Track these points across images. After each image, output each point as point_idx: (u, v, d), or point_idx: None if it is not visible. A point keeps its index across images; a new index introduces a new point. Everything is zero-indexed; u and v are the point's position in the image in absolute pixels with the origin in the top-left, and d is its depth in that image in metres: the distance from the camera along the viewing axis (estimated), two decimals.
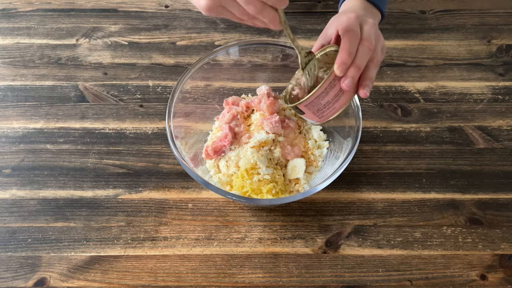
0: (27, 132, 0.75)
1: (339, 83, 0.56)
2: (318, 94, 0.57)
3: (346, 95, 0.58)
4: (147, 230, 0.67)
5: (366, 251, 0.65)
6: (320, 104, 0.58)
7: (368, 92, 0.57)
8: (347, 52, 0.54)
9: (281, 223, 0.68)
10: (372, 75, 0.57)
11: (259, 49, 0.72)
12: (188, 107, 0.70)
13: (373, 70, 0.57)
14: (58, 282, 0.63)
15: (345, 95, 0.57)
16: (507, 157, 0.73)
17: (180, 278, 0.63)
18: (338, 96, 0.57)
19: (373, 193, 0.70)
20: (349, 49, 0.54)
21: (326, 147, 0.70)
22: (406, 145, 0.74)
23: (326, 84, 0.56)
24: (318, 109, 0.59)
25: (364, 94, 0.57)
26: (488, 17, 0.89)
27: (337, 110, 0.59)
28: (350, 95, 0.58)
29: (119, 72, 0.82)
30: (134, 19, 0.89)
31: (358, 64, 0.55)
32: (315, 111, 0.59)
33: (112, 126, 0.76)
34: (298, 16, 0.89)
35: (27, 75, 0.81)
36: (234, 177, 0.66)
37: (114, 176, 0.71)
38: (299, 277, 0.63)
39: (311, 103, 0.58)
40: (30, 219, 0.67)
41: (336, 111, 0.59)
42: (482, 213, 0.68)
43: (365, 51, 0.55)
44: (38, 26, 0.87)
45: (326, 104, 0.58)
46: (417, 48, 0.85)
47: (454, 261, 0.64)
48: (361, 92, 0.57)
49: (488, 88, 0.80)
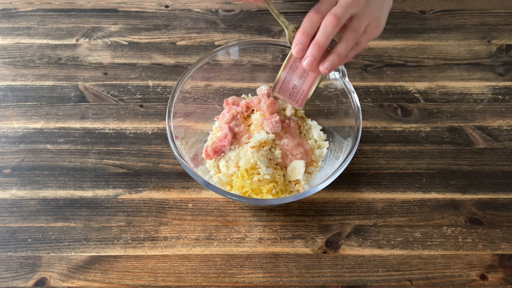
0: (27, 132, 0.75)
1: (301, 64, 0.54)
2: (282, 78, 0.56)
3: (311, 75, 0.56)
4: (147, 230, 0.67)
5: (366, 251, 0.65)
6: (289, 88, 0.57)
7: (329, 67, 0.54)
8: (302, 31, 0.53)
9: (281, 223, 0.68)
10: (340, 50, 0.54)
11: (259, 49, 0.72)
12: (188, 107, 0.70)
13: (342, 45, 0.54)
14: (58, 282, 0.63)
15: (310, 75, 0.56)
16: (507, 157, 0.73)
17: (180, 278, 0.63)
18: (303, 77, 0.56)
19: (373, 193, 0.70)
20: (304, 29, 0.53)
21: (326, 147, 0.70)
22: (406, 145, 0.74)
23: (287, 68, 0.55)
24: (290, 94, 0.58)
25: (324, 70, 0.54)
26: (488, 17, 0.89)
27: (306, 92, 0.57)
28: (316, 74, 0.56)
29: (119, 72, 0.82)
30: (134, 19, 0.89)
31: (317, 41, 0.52)
32: (288, 95, 0.58)
33: (112, 126, 0.76)
34: (298, 16, 0.89)
35: (27, 75, 0.81)
36: (234, 177, 0.66)
37: (114, 176, 0.71)
38: (299, 277, 0.63)
39: (281, 89, 0.57)
40: (30, 219, 0.67)
41: (306, 93, 0.57)
42: (482, 213, 0.68)
43: (326, 26, 0.52)
44: (38, 26, 0.87)
45: (294, 88, 0.57)
46: (417, 48, 0.85)
47: (454, 261, 0.64)
48: (321, 67, 0.54)
49: (488, 88, 0.80)
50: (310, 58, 0.53)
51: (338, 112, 0.69)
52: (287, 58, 0.55)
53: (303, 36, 0.53)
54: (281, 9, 0.89)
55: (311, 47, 0.53)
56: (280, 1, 0.91)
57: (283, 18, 0.58)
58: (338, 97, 0.68)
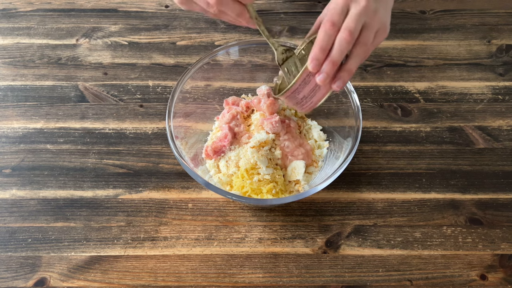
0: (27, 132, 0.75)
1: (314, 79, 0.54)
2: (293, 89, 0.56)
3: (323, 90, 0.56)
4: (147, 230, 0.67)
5: (366, 251, 0.65)
6: (297, 98, 0.58)
7: (341, 86, 0.54)
8: (319, 47, 0.52)
9: (281, 223, 0.68)
10: (350, 66, 0.55)
11: (259, 49, 0.72)
12: (188, 107, 0.70)
13: (353, 61, 0.55)
14: (58, 282, 0.63)
15: (322, 89, 0.56)
16: (507, 157, 0.73)
17: (180, 278, 0.63)
18: (315, 91, 0.56)
19: (373, 193, 0.70)
20: (321, 44, 0.52)
21: (326, 147, 0.70)
22: (406, 145, 0.74)
23: (300, 80, 0.55)
24: (296, 102, 0.59)
25: (336, 88, 0.54)
26: (488, 17, 0.89)
27: (315, 103, 0.58)
28: (328, 89, 0.57)
29: (119, 72, 0.82)
30: (134, 19, 0.89)
31: (332, 59, 0.53)
32: (295, 103, 0.60)
33: (112, 126, 0.76)
34: (298, 16, 0.89)
35: (27, 75, 0.81)
36: (234, 177, 0.66)
37: (114, 176, 0.71)
38: (299, 277, 0.63)
39: (290, 97, 0.58)
40: (30, 219, 0.67)
41: (315, 104, 0.59)
42: (482, 213, 0.68)
43: (342, 43, 0.52)
44: (38, 26, 0.87)
45: (303, 99, 0.57)
46: (417, 48, 0.85)
47: (454, 261, 0.64)
48: (333, 85, 0.54)
49: (488, 88, 0.80)
50: (324, 75, 0.53)
51: (338, 112, 0.69)
52: (302, 71, 0.55)
53: (320, 53, 0.53)
54: (281, 9, 0.89)
55: (326, 64, 0.53)
56: (280, 1, 0.91)
57: (273, 40, 0.59)
58: (338, 97, 0.68)
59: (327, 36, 0.52)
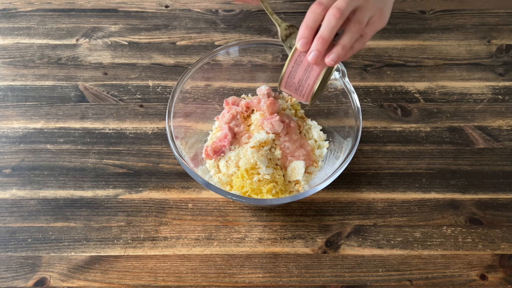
0: (27, 132, 0.75)
1: (306, 58, 0.54)
2: (287, 73, 0.56)
3: (315, 69, 0.55)
4: (147, 230, 0.67)
5: (366, 251, 0.65)
6: (294, 83, 0.57)
7: (335, 59, 0.53)
8: (305, 25, 0.53)
9: (281, 223, 0.68)
10: (343, 41, 0.53)
11: (259, 49, 0.72)
12: (188, 107, 0.70)
13: (346, 36, 0.53)
14: (58, 282, 0.63)
15: (315, 69, 0.55)
16: (507, 157, 0.73)
17: (180, 278, 0.63)
18: (308, 71, 0.56)
19: (373, 193, 0.70)
20: (307, 22, 0.52)
21: (326, 147, 0.70)
22: (406, 145, 0.74)
23: (292, 62, 0.55)
24: (295, 88, 0.58)
25: (329, 63, 0.53)
26: (488, 17, 0.89)
27: (312, 86, 0.57)
28: (321, 67, 0.55)
29: (119, 72, 0.82)
30: (134, 19, 0.89)
31: (321, 35, 0.52)
32: (294, 90, 0.58)
33: (112, 126, 0.76)
34: (298, 16, 0.89)
35: (27, 75, 0.81)
36: (234, 177, 0.66)
37: (114, 176, 0.71)
38: (299, 277, 0.63)
39: (287, 83, 0.57)
40: (30, 219, 0.68)
41: (311, 87, 0.57)
42: (482, 213, 0.68)
43: (330, 19, 0.52)
44: (38, 26, 0.87)
45: (300, 82, 0.56)
46: (417, 48, 0.85)
47: (454, 261, 0.64)
48: (327, 59, 0.53)
49: (488, 88, 0.80)
50: (315, 52, 0.53)
51: (338, 112, 0.69)
52: (292, 52, 0.54)
53: (306, 30, 0.53)
54: (281, 9, 0.89)
55: (315, 41, 0.53)
56: (280, 1, 0.91)
57: (276, 16, 0.58)
58: (338, 97, 0.68)
59: (314, 15, 0.53)
